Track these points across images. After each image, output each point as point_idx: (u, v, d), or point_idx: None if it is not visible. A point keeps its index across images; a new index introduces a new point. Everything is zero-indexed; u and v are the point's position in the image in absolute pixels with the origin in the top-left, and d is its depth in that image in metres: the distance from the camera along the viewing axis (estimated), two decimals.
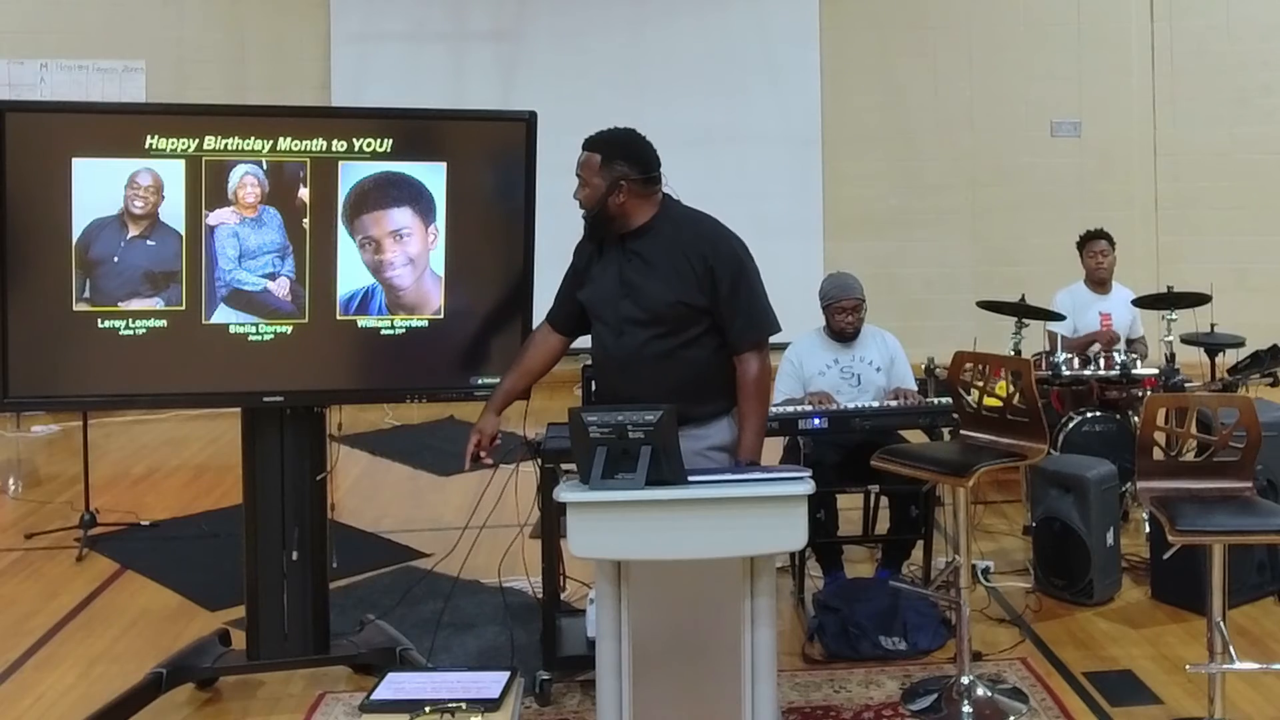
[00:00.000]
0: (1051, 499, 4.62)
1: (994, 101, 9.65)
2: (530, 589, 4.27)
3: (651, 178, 3.22)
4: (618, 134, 3.26)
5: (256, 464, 3.71)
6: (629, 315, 3.18)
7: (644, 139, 3.26)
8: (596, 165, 3.19)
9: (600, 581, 2.82)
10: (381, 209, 3.69)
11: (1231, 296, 6.34)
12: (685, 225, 3.23)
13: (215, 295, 3.60)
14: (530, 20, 9.50)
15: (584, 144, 3.26)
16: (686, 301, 3.14)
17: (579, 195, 3.23)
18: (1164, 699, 3.70)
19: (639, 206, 3.21)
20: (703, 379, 3.19)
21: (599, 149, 3.21)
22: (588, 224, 3.26)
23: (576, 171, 3.24)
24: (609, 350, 3.25)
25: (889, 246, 9.39)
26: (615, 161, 3.18)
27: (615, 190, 3.17)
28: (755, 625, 2.78)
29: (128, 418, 7.96)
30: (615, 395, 3.20)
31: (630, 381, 3.18)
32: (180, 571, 5.02)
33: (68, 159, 3.48)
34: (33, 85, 9.16)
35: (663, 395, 3.07)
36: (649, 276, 3.17)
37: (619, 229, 3.22)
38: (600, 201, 3.18)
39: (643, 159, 3.21)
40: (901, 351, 4.79)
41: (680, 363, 3.16)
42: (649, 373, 3.15)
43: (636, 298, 3.18)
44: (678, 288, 3.14)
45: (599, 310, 3.27)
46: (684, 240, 3.19)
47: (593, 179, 3.19)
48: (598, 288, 3.28)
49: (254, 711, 3.73)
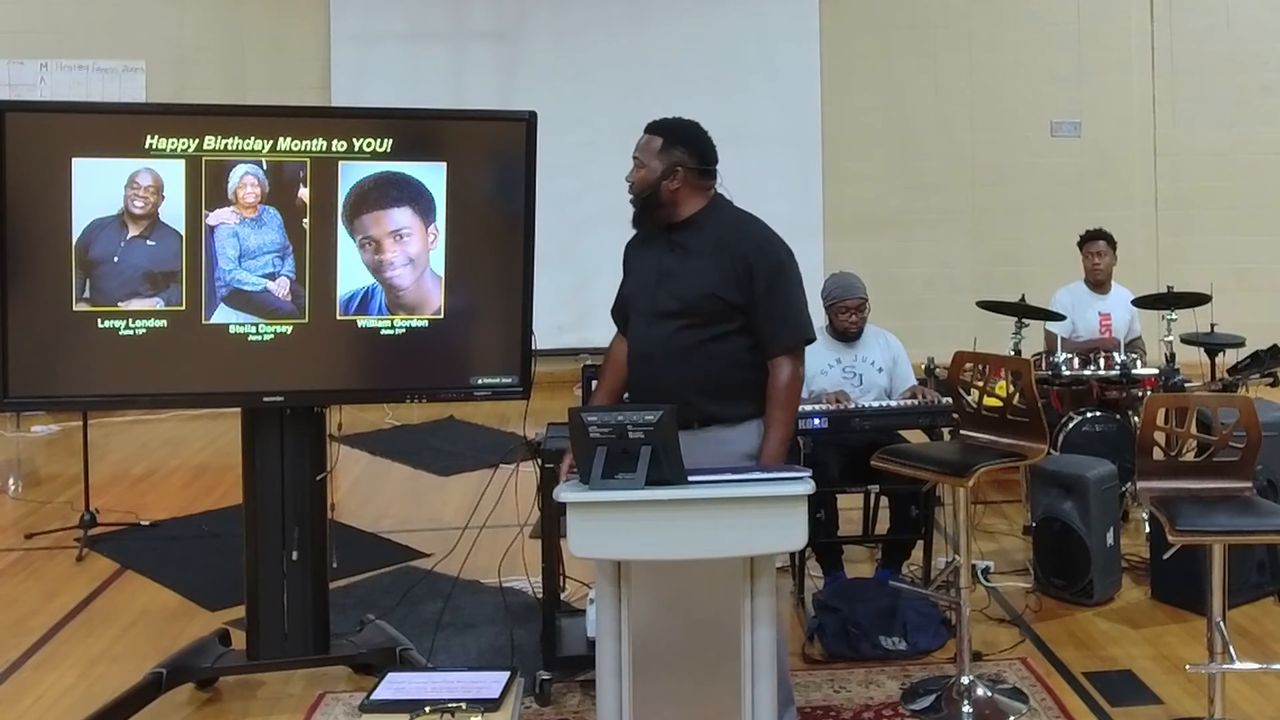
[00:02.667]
0: (1051, 499, 4.62)
1: (994, 101, 9.65)
2: (530, 589, 4.28)
3: (708, 170, 3.23)
4: (682, 122, 3.26)
5: (256, 464, 3.71)
6: (661, 305, 3.18)
7: (706, 133, 3.26)
8: (656, 148, 3.19)
9: (600, 581, 2.82)
10: (381, 209, 3.69)
11: (1231, 296, 6.35)
12: (731, 222, 3.23)
13: (215, 295, 3.60)
14: (530, 20, 9.49)
15: (647, 127, 3.26)
16: (719, 295, 3.12)
17: (632, 177, 3.22)
18: (1164, 699, 3.70)
19: (690, 197, 3.20)
20: (730, 376, 3.16)
21: (662, 133, 3.22)
22: (635, 207, 3.25)
23: (634, 154, 3.23)
24: (639, 341, 3.24)
25: (889, 246, 9.39)
26: (675, 147, 3.18)
27: (670, 175, 3.17)
28: (755, 625, 2.78)
29: (128, 418, 7.96)
30: (644, 386, 3.19)
31: (658, 372, 3.16)
32: (180, 571, 5.02)
33: (68, 159, 3.48)
34: (33, 85, 9.16)
35: (688, 389, 3.09)
36: (686, 267, 3.17)
37: (666, 217, 3.21)
38: (653, 185, 3.18)
39: (702, 150, 3.22)
40: (904, 352, 4.80)
41: (708, 356, 3.14)
42: (675, 365, 3.14)
43: (670, 287, 3.17)
44: (713, 280, 3.13)
45: (635, 301, 3.27)
46: (727, 236, 3.18)
47: (650, 161, 3.19)
48: (636, 277, 3.29)
49: (254, 711, 3.73)
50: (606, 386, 3.42)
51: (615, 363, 3.40)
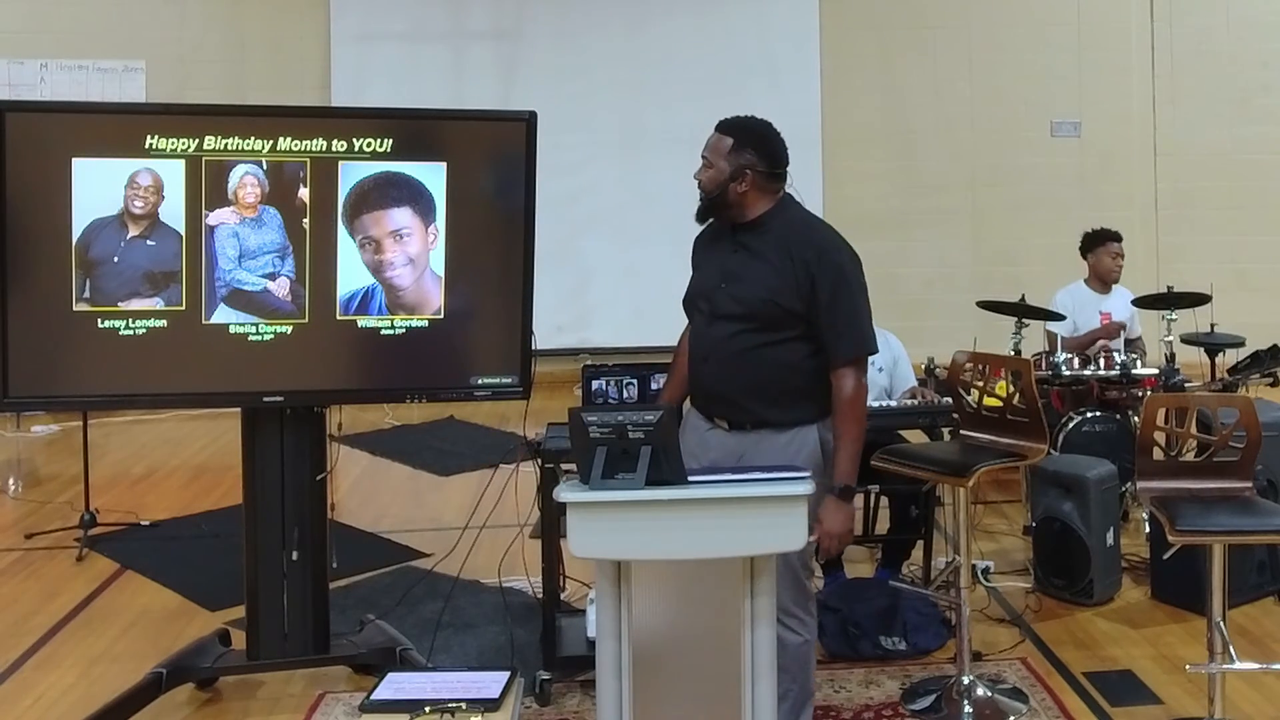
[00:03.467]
0: (1051, 499, 4.62)
1: (994, 101, 9.65)
2: (530, 589, 4.28)
3: (777, 173, 3.18)
4: (754, 122, 3.20)
5: (256, 464, 3.71)
6: (723, 307, 3.14)
7: (778, 134, 3.21)
8: (726, 149, 3.14)
9: (600, 581, 2.82)
10: (381, 209, 3.69)
11: (1231, 296, 6.34)
12: (798, 227, 3.19)
13: (215, 295, 3.60)
14: (530, 20, 9.49)
15: (718, 125, 3.20)
16: (779, 302, 3.08)
17: (701, 175, 3.18)
18: (1164, 699, 3.70)
19: (758, 199, 3.16)
20: (785, 383, 3.11)
21: (733, 133, 3.16)
22: (702, 206, 3.21)
23: (703, 153, 3.19)
24: (698, 340, 3.21)
25: (889, 246, 9.38)
26: (746, 149, 3.14)
27: (739, 177, 3.13)
28: (755, 625, 2.77)
29: (128, 418, 7.96)
30: (699, 386, 3.18)
31: (713, 374, 3.14)
32: (180, 571, 5.02)
33: (68, 159, 3.47)
34: (33, 85, 9.16)
35: (744, 391, 3.08)
36: (750, 270, 3.14)
37: (733, 217, 3.18)
38: (722, 186, 3.14)
39: (773, 153, 3.17)
40: (904, 352, 4.80)
41: (764, 361, 3.10)
42: (732, 366, 3.11)
43: (733, 289, 3.14)
44: (774, 286, 3.09)
45: (697, 300, 3.24)
46: (793, 241, 3.13)
47: (719, 161, 3.14)
48: (701, 275, 3.26)
49: (254, 711, 3.73)
50: (675, 379, 3.39)
51: (683, 354, 3.36)
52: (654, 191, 9.02)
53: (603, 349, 8.72)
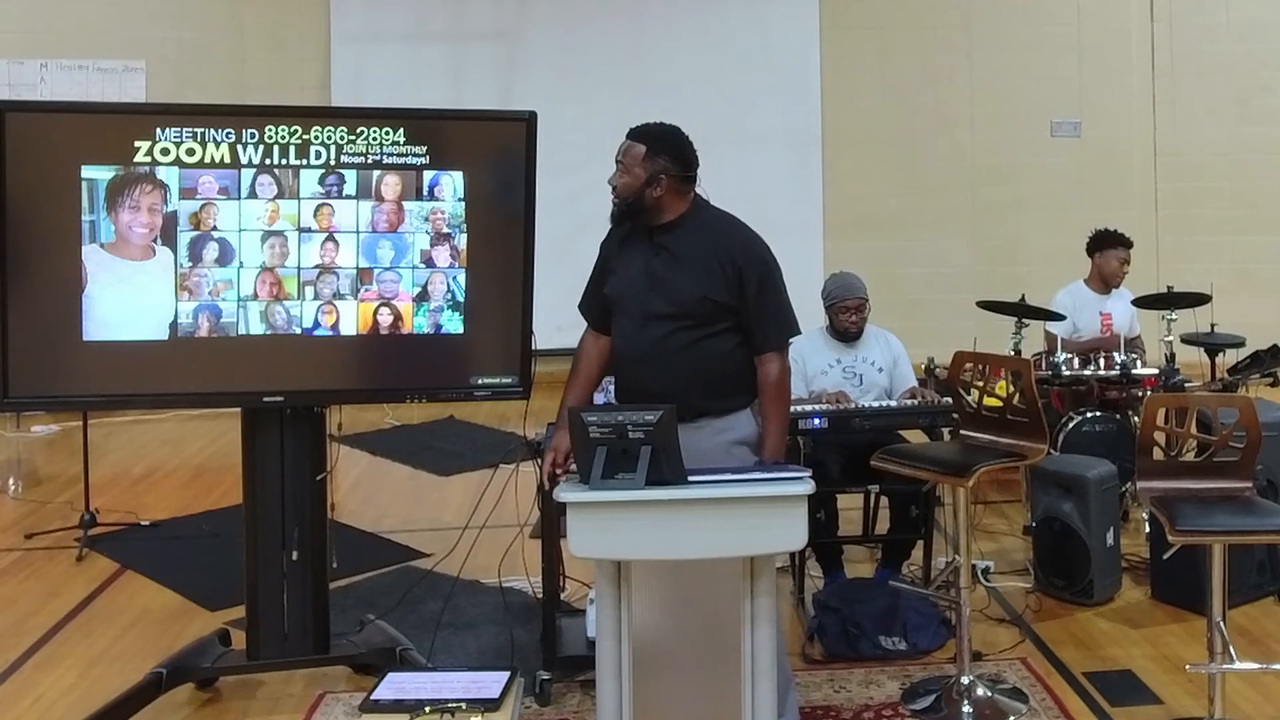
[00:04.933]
0: (1051, 499, 4.62)
1: (994, 101, 9.65)
2: (530, 589, 4.28)
3: (689, 176, 3.29)
4: (665, 129, 3.31)
5: (256, 464, 3.71)
6: (655, 308, 3.23)
7: (688, 138, 3.32)
8: (640, 155, 3.24)
9: (600, 581, 2.82)
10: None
11: (1231, 296, 6.34)
12: (715, 225, 3.30)
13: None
14: (530, 20, 9.49)
15: (630, 133, 3.30)
16: (713, 298, 3.20)
17: (615, 181, 3.27)
18: (1164, 699, 3.70)
19: (673, 202, 3.27)
20: (724, 372, 3.24)
21: (645, 140, 3.26)
22: (617, 210, 3.30)
23: (617, 158, 3.28)
24: (631, 343, 3.28)
25: (889, 246, 9.39)
26: (659, 155, 3.24)
27: (654, 183, 3.23)
28: (755, 625, 2.78)
29: (128, 418, 7.96)
30: (637, 388, 3.24)
31: (652, 374, 3.21)
32: (180, 571, 5.02)
33: (73, 161, 3.46)
34: (33, 85, 9.15)
35: (684, 387, 3.14)
36: (677, 271, 3.23)
37: (649, 220, 3.28)
38: (637, 192, 3.24)
39: (684, 157, 3.28)
40: (904, 352, 4.80)
41: (702, 355, 3.21)
42: (671, 364, 3.20)
43: (664, 291, 3.22)
44: (705, 284, 3.20)
45: (623, 303, 3.31)
46: (714, 239, 3.25)
47: (634, 168, 3.24)
48: (622, 280, 3.32)
49: (254, 711, 3.73)
50: (580, 382, 3.43)
51: (589, 358, 3.44)
52: None
53: None
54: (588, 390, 3.45)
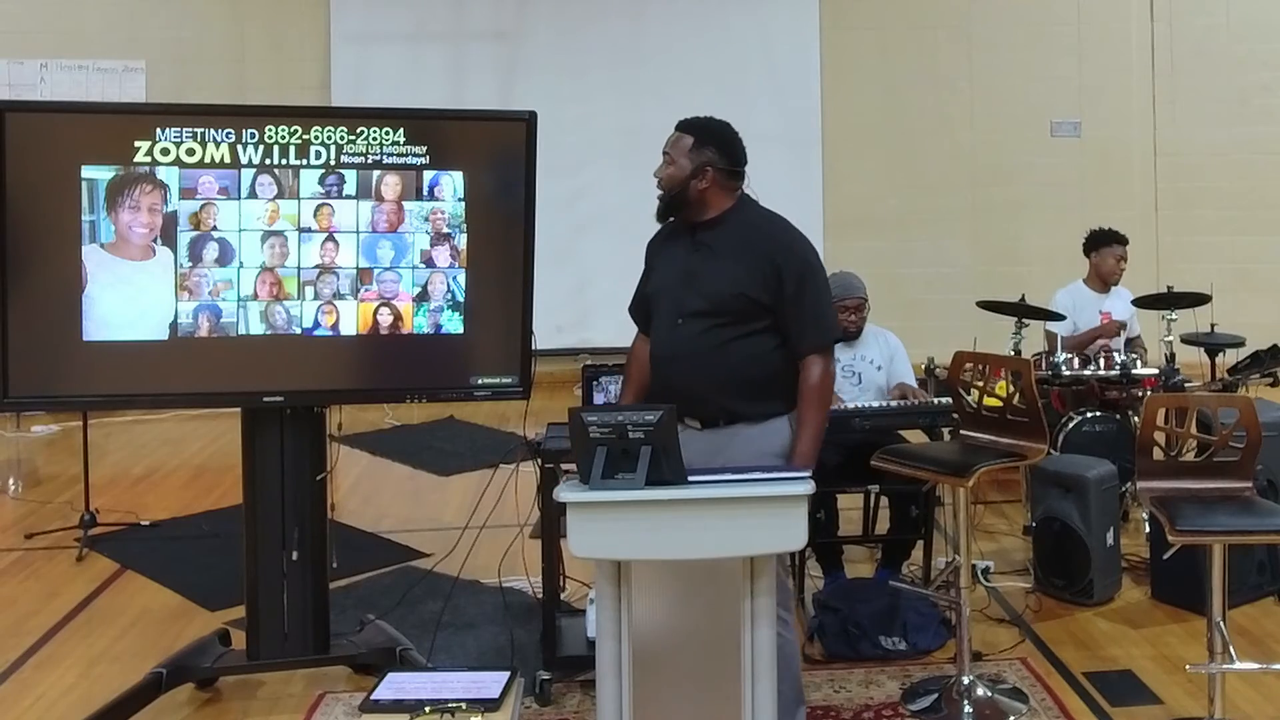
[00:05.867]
0: (1051, 499, 4.62)
1: (994, 101, 9.65)
2: (530, 589, 4.28)
3: (737, 171, 3.23)
4: (714, 122, 3.26)
5: (256, 464, 3.71)
6: (690, 305, 3.16)
7: (737, 134, 3.26)
8: (687, 147, 3.19)
9: (600, 581, 2.82)
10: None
11: (1231, 296, 6.34)
12: (758, 223, 3.23)
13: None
14: (530, 20, 9.49)
15: (679, 124, 3.25)
16: (748, 294, 3.12)
17: (661, 174, 3.22)
18: (1164, 699, 3.70)
19: (718, 196, 3.21)
20: (756, 375, 3.15)
21: (693, 132, 3.22)
22: (662, 204, 3.25)
23: (664, 150, 3.23)
24: (663, 341, 3.22)
25: (889, 246, 9.39)
26: (707, 147, 3.18)
27: (700, 175, 3.17)
28: (755, 625, 2.78)
29: (128, 418, 7.96)
30: (667, 388, 3.16)
31: (682, 372, 3.14)
32: (180, 571, 5.02)
33: (73, 161, 3.47)
34: (33, 85, 9.15)
35: (716, 388, 3.09)
36: (714, 267, 3.16)
37: (693, 216, 3.22)
38: (682, 184, 3.18)
39: (733, 151, 3.22)
40: (902, 348, 4.80)
41: (736, 355, 3.13)
42: (703, 363, 3.12)
43: (699, 287, 3.16)
44: (742, 280, 3.13)
45: (659, 301, 3.25)
46: (754, 236, 3.19)
47: (680, 159, 3.19)
48: (661, 276, 3.28)
49: (254, 711, 3.73)
50: (633, 387, 3.39)
51: (640, 362, 3.38)
52: (654, 191, 8.94)
53: (603, 349, 8.69)
54: (640, 397, 3.37)
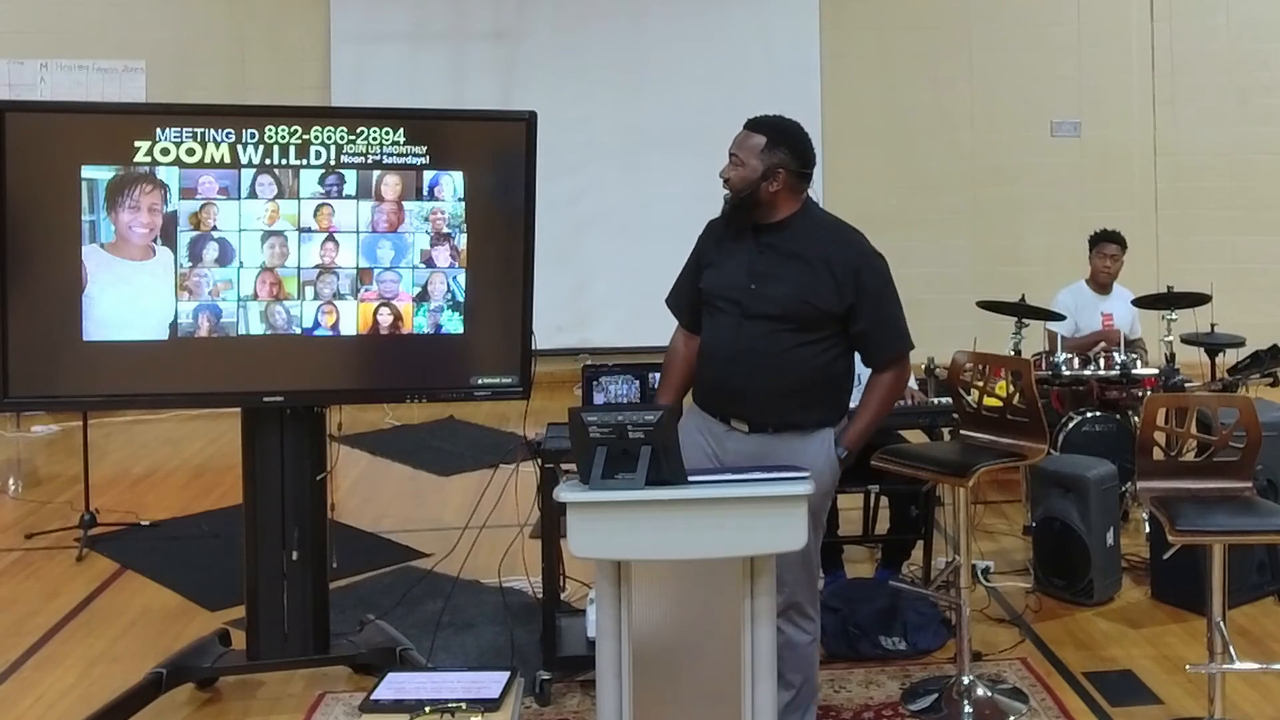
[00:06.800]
0: (1051, 499, 4.62)
1: (994, 101, 9.65)
2: (530, 589, 4.28)
3: (806, 174, 3.18)
4: (786, 121, 3.19)
5: (256, 464, 3.71)
6: (755, 307, 3.11)
7: (808, 134, 3.20)
8: (758, 148, 3.11)
9: (600, 581, 2.82)
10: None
11: (1231, 296, 6.34)
12: (829, 229, 3.19)
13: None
14: (530, 20, 9.49)
15: (748, 123, 3.18)
16: (816, 304, 3.09)
17: (728, 174, 3.15)
18: (1164, 699, 3.70)
19: (786, 199, 3.15)
20: (818, 383, 3.13)
21: (766, 132, 3.14)
22: (730, 207, 3.17)
23: (731, 150, 3.15)
24: (726, 340, 3.15)
25: (889, 246, 9.18)
26: (779, 148, 3.11)
27: (771, 177, 3.11)
28: (755, 625, 2.78)
29: (128, 418, 7.96)
30: (725, 388, 3.11)
31: (745, 374, 3.10)
32: (180, 571, 5.02)
33: (73, 161, 3.47)
34: (33, 85, 9.15)
35: (774, 393, 3.07)
36: (783, 271, 3.12)
37: (760, 218, 3.15)
38: (753, 185, 3.11)
39: (804, 153, 3.16)
40: None
41: (800, 361, 3.10)
42: (768, 367, 3.09)
43: (768, 290, 3.10)
44: (811, 288, 3.09)
45: (721, 299, 3.18)
46: (827, 244, 3.14)
47: (751, 160, 3.11)
48: (723, 274, 3.20)
49: (254, 711, 3.73)
50: (673, 385, 3.33)
51: (682, 360, 3.32)
52: (654, 191, 9.02)
53: (603, 349, 8.70)
54: (680, 395, 3.32)
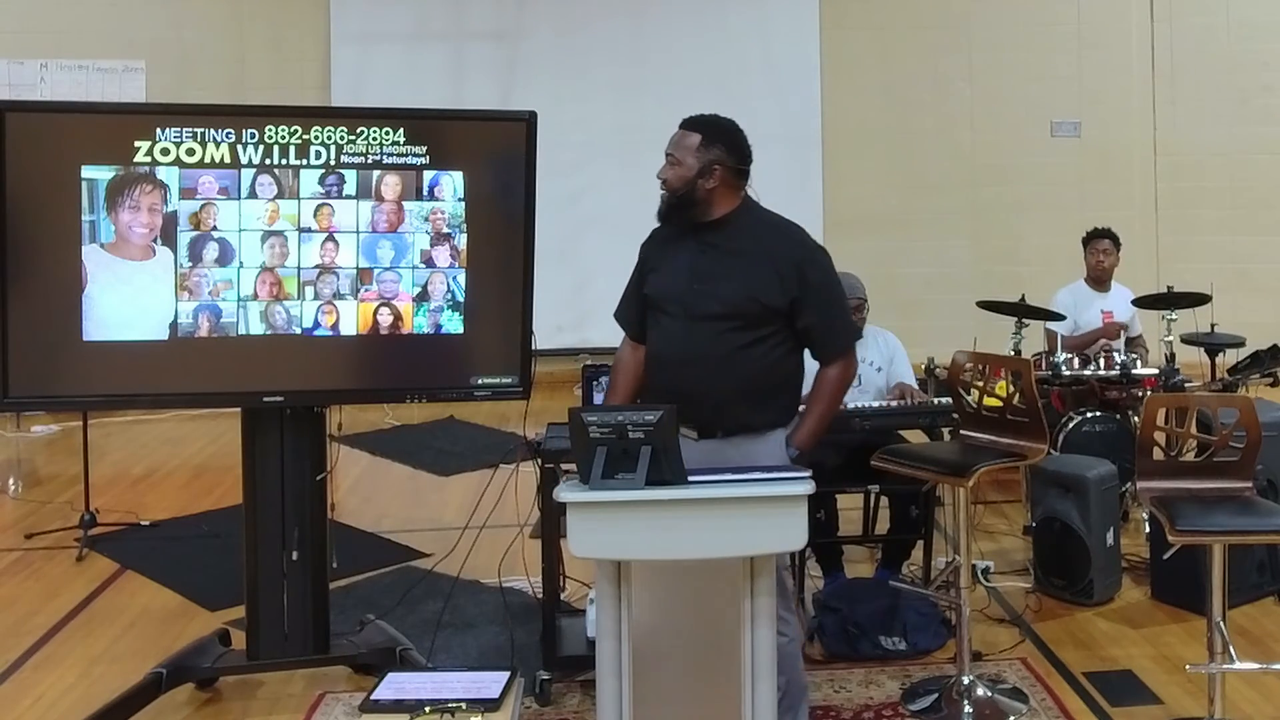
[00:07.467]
0: (1051, 499, 4.62)
1: (994, 101, 9.65)
2: (530, 589, 4.28)
3: (744, 170, 3.18)
4: (721, 119, 3.19)
5: (256, 464, 3.71)
6: (701, 307, 3.09)
7: (743, 131, 3.20)
8: (694, 145, 3.11)
9: (600, 581, 2.82)
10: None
11: (1231, 296, 6.34)
12: (771, 226, 3.18)
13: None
14: (530, 20, 9.49)
15: (683, 122, 3.18)
16: (762, 299, 3.07)
17: (665, 174, 3.15)
18: (1164, 699, 3.70)
19: (724, 196, 3.14)
20: (766, 382, 3.12)
21: (701, 130, 3.14)
22: (666, 206, 3.17)
23: (668, 150, 3.15)
24: (675, 344, 3.14)
25: (889, 246, 9.38)
26: (715, 145, 3.11)
27: (708, 174, 3.10)
28: (755, 625, 2.78)
29: (128, 418, 7.96)
30: (676, 391, 3.06)
31: (697, 377, 3.08)
32: (180, 571, 5.02)
33: (73, 161, 3.47)
34: (33, 85, 9.15)
35: (727, 393, 3.05)
36: (726, 269, 3.10)
37: (698, 216, 3.14)
38: (689, 183, 3.11)
39: (740, 149, 3.16)
40: (901, 349, 4.79)
41: (748, 361, 3.08)
42: (716, 369, 3.07)
43: (711, 289, 3.09)
44: (756, 284, 3.07)
45: (665, 302, 3.17)
46: (769, 239, 3.13)
47: (687, 158, 3.11)
48: (665, 278, 3.19)
49: (254, 711, 3.73)
50: (619, 394, 3.30)
51: (628, 370, 3.31)
52: (654, 191, 8.88)
53: (603, 349, 8.69)
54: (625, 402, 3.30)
